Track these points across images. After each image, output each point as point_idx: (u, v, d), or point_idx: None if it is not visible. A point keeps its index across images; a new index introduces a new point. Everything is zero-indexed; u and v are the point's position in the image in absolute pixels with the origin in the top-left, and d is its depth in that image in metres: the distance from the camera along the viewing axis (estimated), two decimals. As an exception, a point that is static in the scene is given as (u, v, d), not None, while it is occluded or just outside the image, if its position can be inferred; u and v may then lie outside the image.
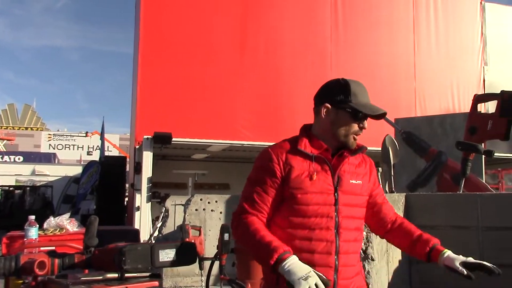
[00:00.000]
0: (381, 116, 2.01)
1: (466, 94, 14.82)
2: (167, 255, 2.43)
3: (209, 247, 6.75)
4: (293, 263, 1.77)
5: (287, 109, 13.17)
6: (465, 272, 1.92)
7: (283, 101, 13.14)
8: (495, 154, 12.99)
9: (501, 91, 4.03)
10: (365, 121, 1.99)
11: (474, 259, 1.96)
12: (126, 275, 2.45)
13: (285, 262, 1.77)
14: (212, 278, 6.68)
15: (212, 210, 7.78)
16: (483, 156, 5.10)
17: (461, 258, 1.98)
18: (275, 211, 1.96)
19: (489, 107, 4.42)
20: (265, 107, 12.93)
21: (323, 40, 13.75)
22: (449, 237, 3.25)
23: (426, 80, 14.46)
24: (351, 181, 1.99)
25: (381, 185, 2.24)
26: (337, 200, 1.93)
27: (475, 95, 4.32)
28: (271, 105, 13.04)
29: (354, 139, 1.99)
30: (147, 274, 2.49)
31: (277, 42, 13.23)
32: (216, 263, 5.78)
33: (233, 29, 12.96)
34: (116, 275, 2.46)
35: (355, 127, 1.98)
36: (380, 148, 6.12)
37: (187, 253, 2.53)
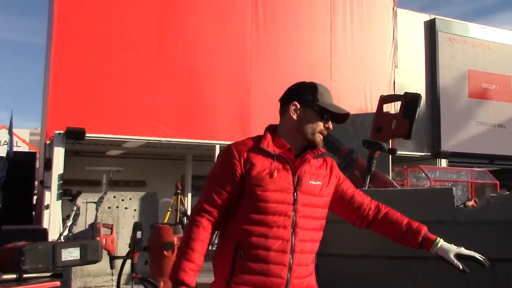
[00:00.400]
0: (345, 117, 2.10)
1: (378, 95, 15.29)
2: (70, 254, 2.35)
3: (123, 246, 6.60)
4: None
5: (206, 106, 13.13)
6: (461, 267, 2.03)
7: (202, 98, 13.09)
8: (403, 152, 13.61)
9: (404, 92, 4.24)
10: (330, 121, 2.06)
11: (465, 250, 2.06)
12: (25, 275, 2.34)
13: None
14: (123, 277, 6.53)
15: (126, 208, 7.62)
16: (389, 154, 5.35)
17: (454, 249, 2.06)
18: (235, 207, 1.97)
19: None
20: (183, 104, 12.81)
21: (243, 39, 13.83)
22: (354, 231, 3.38)
23: (341, 80, 14.94)
24: (310, 182, 2.01)
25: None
26: (296, 199, 1.95)
27: (381, 96, 4.53)
28: (189, 102, 12.94)
29: (320, 138, 2.05)
30: (48, 274, 2.39)
31: (196, 39, 13.14)
32: (128, 262, 5.68)
33: (152, 24, 12.71)
34: (14, 275, 2.34)
35: (321, 125, 2.04)
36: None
37: (92, 252, 2.47)
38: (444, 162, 16.72)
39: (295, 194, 1.95)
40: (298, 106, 2.05)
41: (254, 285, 1.88)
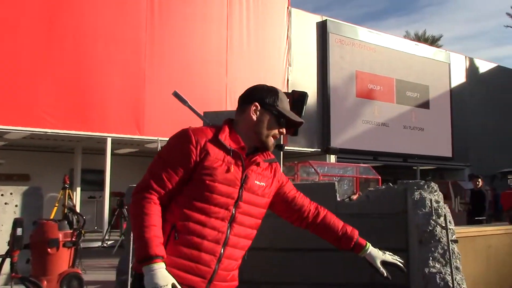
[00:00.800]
0: (298, 126, 2.18)
1: (271, 92, 15.85)
2: None
3: (2, 244, 6.17)
4: (160, 271, 1.79)
5: (98, 97, 12.66)
6: (385, 274, 2.22)
7: (94, 89, 12.59)
8: (294, 148, 14.04)
9: (292, 90, 4.37)
10: (286, 129, 2.12)
11: (389, 255, 2.26)
12: None
13: (153, 265, 1.79)
14: (2, 277, 6.15)
15: (6, 203, 7.13)
16: (278, 149, 5.50)
17: (380, 255, 2.25)
18: (179, 190, 1.96)
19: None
20: (73, 94, 12.24)
21: (138, 30, 13.49)
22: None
23: (236, 77, 15.09)
24: (256, 182, 2.06)
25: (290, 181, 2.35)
26: (240, 195, 1.99)
27: (271, 93, 4.62)
28: (80, 92, 12.39)
29: (272, 142, 2.10)
30: None
31: (89, 27, 12.60)
32: (8, 261, 5.34)
33: (41, 9, 11.97)
34: None
35: (276, 130, 2.09)
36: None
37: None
38: (333, 158, 17.53)
39: (240, 190, 2.00)
40: (259, 107, 2.08)
41: (182, 269, 1.90)
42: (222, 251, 1.96)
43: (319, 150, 17.54)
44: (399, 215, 3.30)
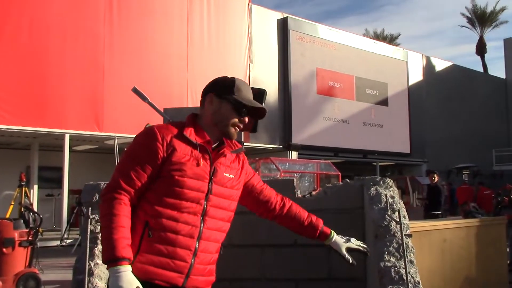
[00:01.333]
0: (262, 113, 2.15)
1: (233, 88, 15.83)
2: None
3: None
4: (125, 273, 1.78)
5: (55, 92, 12.36)
6: (350, 261, 2.26)
7: (51, 84, 12.28)
8: (256, 144, 14.07)
9: (250, 88, 4.39)
10: (246, 116, 2.10)
11: (353, 242, 2.31)
12: None
13: (119, 267, 1.79)
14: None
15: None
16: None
17: (345, 243, 2.30)
18: (148, 188, 1.96)
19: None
20: (29, 88, 11.91)
21: (96, 23, 13.24)
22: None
23: (197, 72, 15.01)
24: (225, 174, 2.07)
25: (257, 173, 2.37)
26: (210, 189, 2.00)
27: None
28: (36, 87, 12.06)
29: (235, 130, 2.09)
30: None
31: (45, 19, 12.28)
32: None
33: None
34: None
35: (235, 119, 2.08)
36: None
37: None
38: (294, 154, 17.69)
39: (210, 184, 2.00)
40: (214, 97, 2.09)
41: (158, 266, 1.90)
42: (197, 245, 1.97)
43: (281, 146, 17.66)
44: (356, 210, 3.38)
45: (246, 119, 2.12)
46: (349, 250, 2.30)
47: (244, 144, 4.68)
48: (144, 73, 13.46)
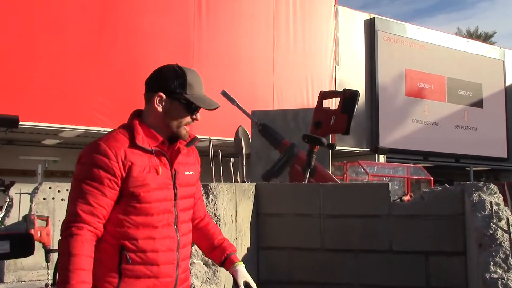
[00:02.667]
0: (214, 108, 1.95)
1: (319, 91, 15.62)
2: None
3: (58, 238, 6.38)
4: None
5: (147, 96, 12.88)
6: None
7: (142, 88, 12.81)
8: (343, 148, 13.88)
9: (344, 89, 4.33)
10: (198, 113, 1.94)
11: (253, 283, 2.04)
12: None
13: None
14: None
15: (62, 199, 7.38)
16: (328, 149, 5.46)
17: (246, 276, 2.04)
18: (111, 211, 1.79)
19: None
20: (123, 92, 12.50)
21: (186, 29, 13.67)
22: (294, 224, 3.44)
23: (283, 75, 15.07)
24: (185, 173, 1.94)
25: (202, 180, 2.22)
26: (176, 194, 1.88)
27: (321, 92, 4.61)
28: (129, 91, 12.63)
29: (186, 130, 1.94)
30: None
31: (138, 26, 12.85)
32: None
33: (92, 9, 12.30)
34: None
35: (188, 118, 1.92)
36: (233, 139, 6.26)
37: (23, 245, 2.36)
38: (382, 158, 17.24)
39: (174, 188, 1.88)
40: (164, 97, 1.89)
41: None
42: (177, 256, 1.86)
43: (368, 149, 17.28)
44: (456, 217, 3.21)
45: (198, 116, 1.94)
46: (246, 285, 2.03)
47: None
48: (231, 77, 13.70)
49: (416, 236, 3.24)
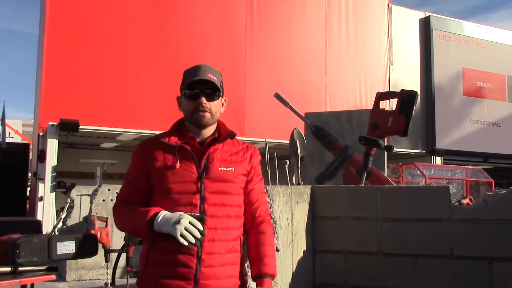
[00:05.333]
0: (211, 86, 2.09)
1: (372, 92, 15.46)
2: (66, 247, 2.33)
3: (117, 239, 6.57)
4: (164, 215, 1.87)
5: (201, 99, 13.07)
6: None
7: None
8: (398, 149, 13.60)
9: (401, 89, 4.22)
10: (201, 97, 2.07)
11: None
12: (20, 268, 2.32)
13: (157, 217, 1.87)
14: (118, 271, 6.52)
15: (120, 201, 7.60)
16: (386, 151, 5.36)
17: None
18: (149, 201, 2.03)
19: (393, 104, 4.67)
20: (175, 96, 12.77)
21: (238, 32, 13.79)
22: (350, 228, 3.39)
23: (336, 76, 14.93)
24: (220, 168, 2.00)
25: (262, 180, 2.19)
26: (202, 188, 1.95)
27: (377, 93, 4.50)
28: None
29: (200, 114, 2.06)
30: (44, 267, 2.37)
31: (191, 32, 13.08)
32: (123, 255, 5.66)
33: (147, 16, 12.64)
34: (8, 268, 2.31)
35: (193, 104, 2.07)
36: (288, 141, 6.25)
37: (88, 245, 2.44)
38: (439, 160, 16.78)
39: (199, 182, 1.96)
40: (178, 97, 2.19)
41: (165, 276, 1.90)
42: (199, 248, 1.89)
43: (424, 151, 16.85)
44: (522, 222, 3.06)
45: (203, 99, 2.06)
46: None
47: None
48: (284, 79, 13.70)
49: (479, 241, 3.12)
